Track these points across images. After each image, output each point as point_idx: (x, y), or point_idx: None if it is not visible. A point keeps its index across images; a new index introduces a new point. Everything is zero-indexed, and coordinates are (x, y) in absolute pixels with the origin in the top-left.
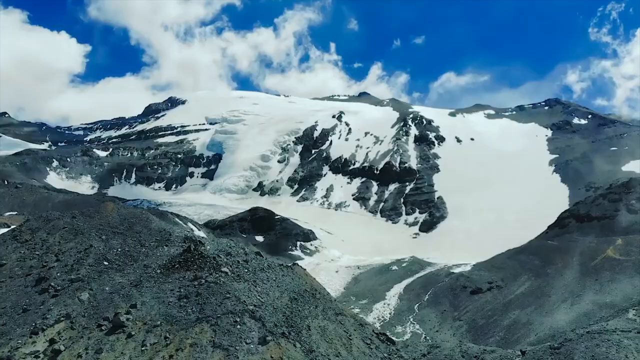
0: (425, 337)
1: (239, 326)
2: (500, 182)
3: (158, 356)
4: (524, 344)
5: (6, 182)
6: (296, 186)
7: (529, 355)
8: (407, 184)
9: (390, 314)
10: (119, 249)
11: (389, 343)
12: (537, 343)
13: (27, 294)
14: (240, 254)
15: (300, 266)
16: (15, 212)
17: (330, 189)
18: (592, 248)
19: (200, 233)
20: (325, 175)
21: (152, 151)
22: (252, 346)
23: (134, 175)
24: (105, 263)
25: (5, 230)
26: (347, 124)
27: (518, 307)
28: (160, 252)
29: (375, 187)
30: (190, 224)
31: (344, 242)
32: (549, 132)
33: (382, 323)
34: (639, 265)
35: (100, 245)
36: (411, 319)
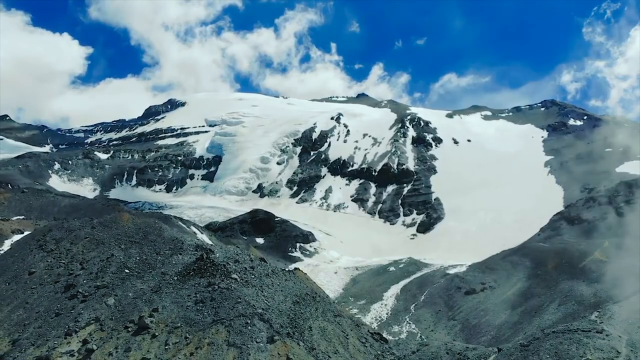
0: (420, 336)
1: (249, 327)
2: (497, 183)
3: (180, 354)
4: (513, 343)
5: (10, 186)
6: (295, 188)
7: (504, 352)
8: (405, 185)
9: (387, 314)
10: (138, 258)
11: (382, 342)
12: None
13: (58, 300)
14: (246, 261)
15: (302, 270)
16: (23, 217)
17: (329, 191)
18: (581, 250)
19: (203, 236)
20: (324, 176)
21: (152, 153)
22: (261, 345)
23: (134, 178)
24: (127, 271)
25: (20, 236)
26: (345, 126)
27: (509, 307)
28: (175, 260)
29: (373, 188)
30: (193, 228)
31: (343, 243)
32: (545, 133)
33: (379, 323)
34: (623, 267)
35: (120, 254)
36: (407, 319)
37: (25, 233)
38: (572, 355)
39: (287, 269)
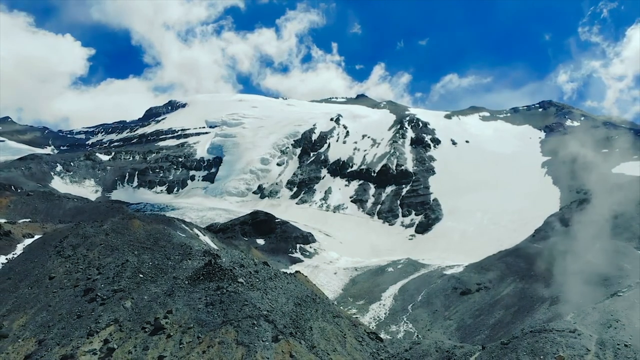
0: (417, 335)
1: (256, 327)
2: (494, 184)
3: (193, 352)
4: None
5: (13, 188)
6: (295, 189)
7: (487, 349)
8: (404, 186)
9: (385, 314)
10: (150, 263)
11: (377, 340)
12: None
13: (79, 303)
14: (250, 265)
15: (302, 273)
16: (29, 219)
17: (328, 192)
18: (573, 252)
19: (206, 238)
20: (323, 178)
21: (153, 155)
22: (267, 343)
23: (136, 179)
24: (141, 275)
25: (31, 240)
26: (344, 127)
27: (503, 307)
28: (185, 265)
29: (372, 189)
30: (196, 230)
31: (342, 244)
32: (542, 134)
33: (377, 322)
34: (611, 269)
35: (134, 260)
36: (405, 319)
37: (36, 237)
38: (546, 352)
39: (288, 272)
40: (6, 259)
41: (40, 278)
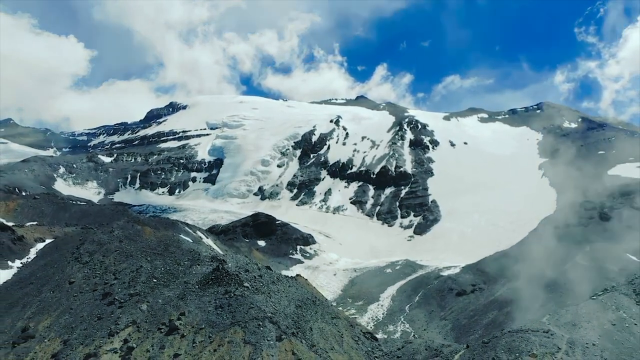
0: (413, 335)
1: (261, 328)
2: (493, 185)
3: (205, 350)
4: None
5: (18, 190)
6: (295, 190)
7: (470, 348)
8: (402, 187)
9: (383, 314)
10: (162, 268)
11: (372, 340)
12: None
13: (98, 306)
14: (255, 270)
15: (303, 277)
16: (36, 222)
17: (328, 193)
18: (565, 254)
19: (209, 241)
20: (323, 179)
21: (155, 156)
22: (271, 342)
23: (138, 181)
24: (154, 280)
25: (42, 244)
26: (344, 129)
27: (496, 307)
28: (194, 270)
29: (371, 191)
30: (199, 233)
31: (342, 245)
32: (540, 136)
33: (375, 323)
34: (599, 271)
35: (147, 266)
36: (402, 319)
37: (47, 241)
38: (521, 350)
39: (289, 276)
40: (21, 263)
41: (61, 283)
